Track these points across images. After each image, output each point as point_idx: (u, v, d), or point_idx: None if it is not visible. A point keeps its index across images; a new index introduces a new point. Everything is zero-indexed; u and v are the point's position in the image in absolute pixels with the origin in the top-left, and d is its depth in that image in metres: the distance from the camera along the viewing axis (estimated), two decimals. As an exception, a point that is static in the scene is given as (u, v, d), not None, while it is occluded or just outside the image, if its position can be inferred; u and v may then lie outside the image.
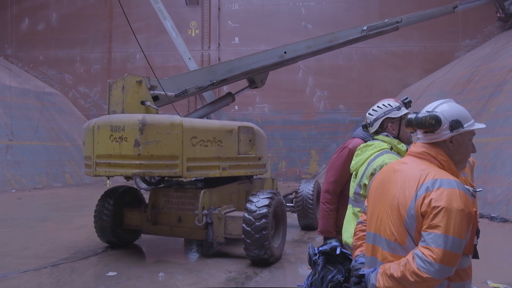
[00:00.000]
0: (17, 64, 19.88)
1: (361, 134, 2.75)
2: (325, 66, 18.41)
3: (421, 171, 1.49)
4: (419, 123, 1.58)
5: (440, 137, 1.57)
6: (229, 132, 5.50)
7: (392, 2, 17.91)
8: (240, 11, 19.31)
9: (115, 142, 4.81)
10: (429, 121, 1.55)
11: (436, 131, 1.57)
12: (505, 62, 12.51)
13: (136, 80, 5.48)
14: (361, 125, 2.68)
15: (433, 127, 1.56)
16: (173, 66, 18.24)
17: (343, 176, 2.72)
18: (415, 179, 1.47)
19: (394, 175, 1.58)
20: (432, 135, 1.58)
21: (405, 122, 1.67)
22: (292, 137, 18.41)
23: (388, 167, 1.68)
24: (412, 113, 1.65)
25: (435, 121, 1.55)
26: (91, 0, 19.94)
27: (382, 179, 1.65)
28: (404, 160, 1.66)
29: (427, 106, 1.65)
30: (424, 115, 1.57)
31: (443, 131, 1.56)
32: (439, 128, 1.56)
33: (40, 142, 15.36)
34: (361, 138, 2.73)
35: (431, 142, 1.59)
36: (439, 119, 1.55)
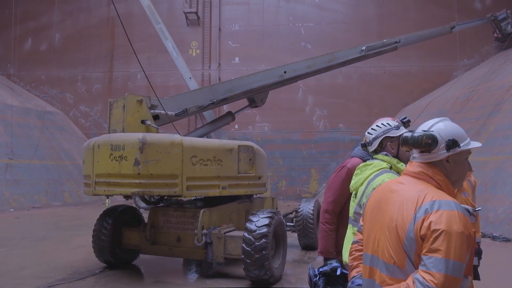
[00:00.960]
0: (19, 84, 20.05)
1: (359, 153, 2.75)
2: (324, 86, 18.55)
3: (419, 192, 1.46)
4: (415, 142, 1.56)
5: (436, 156, 1.55)
6: (229, 151, 5.51)
7: (391, 23, 18.18)
8: (240, 32, 19.59)
9: (115, 161, 4.81)
10: (425, 141, 1.54)
11: (432, 151, 1.55)
12: (503, 82, 12.62)
13: (136, 100, 5.52)
14: (360, 144, 2.68)
15: (429, 146, 1.54)
16: (173, 85, 18.39)
17: (342, 195, 2.71)
18: (413, 200, 1.44)
19: (391, 195, 1.56)
20: (429, 155, 1.56)
21: (400, 141, 1.65)
22: (292, 156, 18.41)
23: (385, 187, 1.66)
24: (408, 131, 1.64)
25: (432, 141, 1.53)
26: (94, 21, 20.25)
27: (378, 199, 1.62)
28: (400, 180, 1.63)
29: (423, 124, 1.64)
30: (420, 134, 1.56)
31: (439, 151, 1.55)
32: (435, 148, 1.54)
33: (40, 161, 15.35)
34: (359, 157, 2.74)
35: (427, 162, 1.57)
36: (435, 138, 1.54)
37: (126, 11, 18.83)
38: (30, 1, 20.22)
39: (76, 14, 20.43)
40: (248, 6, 19.68)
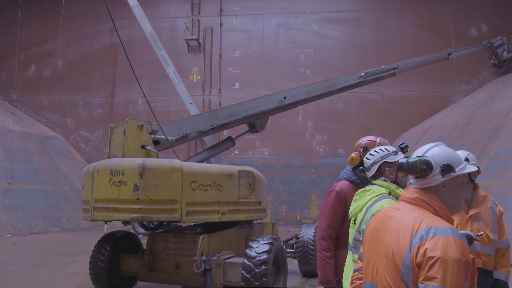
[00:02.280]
0: (21, 109, 20.22)
1: (346, 176, 2.75)
2: (324, 111, 18.69)
3: (415, 218, 1.45)
4: (410, 168, 1.56)
5: (432, 182, 1.54)
6: (229, 176, 5.49)
7: (389, 49, 18.49)
8: (240, 58, 19.90)
9: (114, 186, 4.79)
10: (420, 166, 1.53)
11: (427, 176, 1.54)
12: (501, 107, 12.72)
13: (137, 125, 5.55)
14: (346, 167, 2.69)
15: (424, 172, 1.53)
16: (174, 110, 18.53)
17: (336, 219, 2.69)
18: (409, 227, 1.43)
19: (388, 222, 1.54)
20: (424, 180, 1.55)
21: (396, 167, 1.65)
22: (292, 181, 18.34)
23: (382, 214, 1.64)
24: (403, 157, 1.64)
25: (426, 166, 1.53)
26: (97, 47, 20.60)
27: (376, 227, 1.61)
28: (397, 206, 1.61)
29: (418, 150, 1.63)
30: (415, 160, 1.55)
31: (435, 176, 1.54)
32: (430, 173, 1.53)
33: (38, 185, 15.28)
34: (346, 179, 2.73)
35: (423, 187, 1.56)
36: (430, 164, 1.53)
37: (129, 38, 19.19)
38: (35, 29, 20.64)
39: (80, 41, 20.81)
40: (248, 33, 20.07)
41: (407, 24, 19.09)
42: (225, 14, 20.32)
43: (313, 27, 19.78)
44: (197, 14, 20.33)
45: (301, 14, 19.93)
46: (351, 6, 19.81)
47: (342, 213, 2.74)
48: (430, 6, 19.03)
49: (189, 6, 20.48)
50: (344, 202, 2.73)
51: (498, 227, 2.87)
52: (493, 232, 2.81)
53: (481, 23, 18.68)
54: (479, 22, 18.70)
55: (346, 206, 2.67)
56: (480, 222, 2.82)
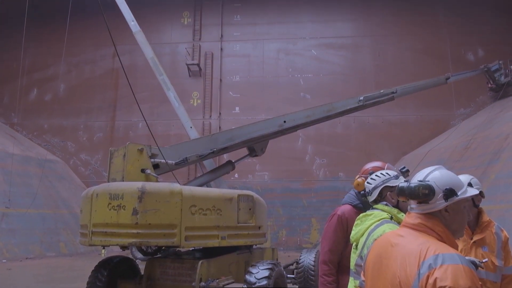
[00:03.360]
0: (22, 132, 20.29)
1: (349, 200, 2.73)
2: (324, 135, 18.75)
3: (420, 245, 1.42)
4: (412, 193, 1.52)
5: (434, 207, 1.51)
6: (228, 200, 5.45)
7: (387, 74, 18.73)
8: (241, 82, 20.11)
9: (113, 210, 4.75)
10: (422, 191, 1.50)
11: (430, 201, 1.51)
12: (500, 130, 12.77)
13: (137, 149, 5.55)
14: (350, 191, 2.67)
15: (426, 197, 1.50)
16: (174, 134, 18.58)
17: (338, 244, 2.65)
18: (415, 255, 1.40)
19: (392, 249, 1.51)
20: (426, 206, 1.52)
21: (396, 191, 1.62)
22: (292, 205, 18.21)
23: (384, 241, 1.61)
24: (403, 182, 1.61)
25: (429, 191, 1.50)
26: (99, 72, 20.86)
27: (379, 254, 1.57)
28: (400, 232, 1.58)
29: (418, 174, 1.60)
30: (416, 184, 1.52)
31: (437, 201, 1.51)
32: (433, 198, 1.50)
33: (36, 209, 15.16)
34: (349, 204, 2.71)
35: (425, 213, 1.53)
36: (432, 188, 1.50)
37: (130, 63, 19.46)
38: (39, 54, 20.95)
39: (82, 66, 21.09)
40: (248, 58, 20.36)
41: (405, 49, 19.39)
42: (225, 40, 20.67)
43: (312, 52, 20.08)
44: (198, 40, 20.68)
45: (300, 39, 20.27)
46: (349, 32, 20.18)
47: (344, 238, 2.70)
48: (427, 32, 19.38)
49: (191, 32, 20.87)
50: (346, 226, 2.70)
51: (504, 253, 2.81)
52: (499, 259, 2.75)
53: (477, 48, 18.99)
54: (475, 47, 19.01)
55: (348, 230, 2.64)
56: (484, 248, 2.77)
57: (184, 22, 21.09)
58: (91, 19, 19.25)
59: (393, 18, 19.73)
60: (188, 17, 21.08)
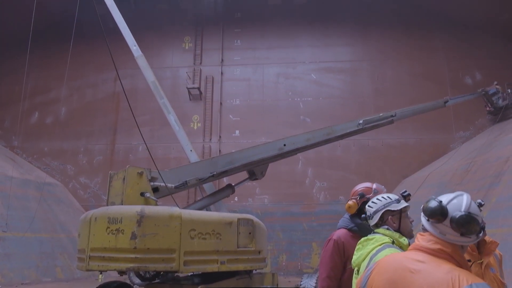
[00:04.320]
0: (22, 155, 20.28)
1: (344, 224, 2.71)
2: (324, 158, 18.73)
3: (448, 274, 1.37)
4: (457, 221, 1.47)
5: (470, 241, 1.49)
6: (228, 224, 5.40)
7: (386, 97, 18.88)
8: (241, 106, 20.25)
9: (112, 234, 4.70)
10: (474, 228, 1.47)
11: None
12: (500, 153, 12.77)
13: (137, 172, 5.54)
14: (345, 216, 2.65)
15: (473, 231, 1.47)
16: (174, 157, 18.57)
17: (335, 269, 2.61)
18: (446, 284, 1.34)
19: (412, 276, 1.43)
20: (459, 237, 1.49)
21: (433, 213, 1.53)
22: (293, 229, 18.02)
23: (398, 265, 1.52)
24: (438, 201, 1.53)
25: (477, 226, 1.47)
26: (100, 95, 21.03)
27: (393, 280, 1.49)
28: (417, 257, 1.49)
29: (458, 201, 1.54)
30: (464, 214, 1.47)
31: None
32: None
33: (34, 233, 14.98)
34: (344, 228, 2.69)
35: (444, 239, 1.49)
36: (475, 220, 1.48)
37: (132, 87, 19.64)
38: (41, 78, 21.18)
39: (83, 89, 21.28)
40: (248, 82, 20.58)
41: (403, 73, 19.62)
42: (226, 64, 20.94)
43: (311, 76, 20.31)
44: (199, 64, 20.96)
45: (300, 64, 20.54)
46: (348, 56, 20.46)
47: (342, 262, 2.67)
48: (425, 56, 19.66)
49: (192, 56, 21.17)
50: (342, 250, 2.67)
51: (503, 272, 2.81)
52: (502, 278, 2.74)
53: (475, 72, 19.21)
54: (473, 71, 19.24)
55: (345, 254, 2.61)
56: (492, 270, 2.74)
57: (185, 47, 21.43)
58: (94, 43, 19.57)
59: (391, 43, 20.05)
60: (189, 42, 21.43)
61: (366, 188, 2.87)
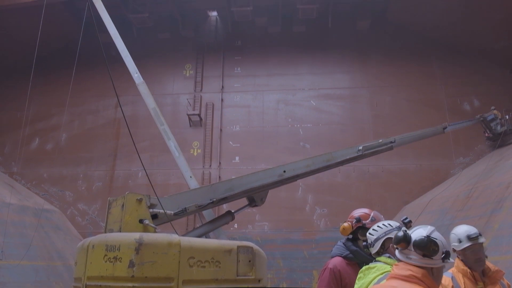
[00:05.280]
0: (21, 181, 20.19)
1: (338, 252, 2.68)
2: (324, 184, 18.65)
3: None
4: (422, 246, 1.65)
5: (435, 264, 1.66)
6: (228, 252, 5.32)
7: (385, 123, 18.99)
8: (241, 132, 20.33)
9: (109, 262, 4.61)
10: (433, 247, 1.67)
11: (434, 257, 1.67)
12: (501, 179, 12.72)
13: (136, 198, 5.50)
14: (338, 243, 2.63)
15: (434, 253, 1.67)
16: (174, 184, 18.50)
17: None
18: None
19: None
20: (429, 260, 1.66)
21: (399, 239, 1.72)
22: (293, 256, 17.74)
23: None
24: (403, 231, 1.70)
25: (437, 248, 1.67)
26: (101, 122, 21.14)
27: None
28: (393, 284, 1.64)
29: (421, 230, 1.73)
30: (427, 239, 1.65)
31: (438, 259, 1.69)
32: (436, 255, 1.66)
33: (30, 261, 14.73)
34: (338, 255, 2.66)
35: (419, 265, 1.64)
36: (439, 246, 1.68)
37: (132, 113, 19.80)
38: (43, 104, 21.34)
39: (84, 116, 21.41)
40: (248, 109, 20.74)
41: (402, 99, 19.81)
42: (226, 91, 21.17)
43: (311, 102, 20.49)
44: (199, 91, 21.19)
45: (299, 90, 20.77)
46: (347, 84, 20.71)
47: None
48: (423, 82, 19.90)
49: (192, 83, 21.42)
50: (339, 279, 2.63)
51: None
52: None
53: (473, 98, 19.39)
54: (471, 97, 19.42)
55: (342, 282, 2.57)
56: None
57: (186, 74, 21.72)
58: (96, 70, 19.86)
59: (389, 70, 20.34)
60: (190, 69, 21.74)
61: (363, 214, 2.85)
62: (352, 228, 2.69)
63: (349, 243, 2.67)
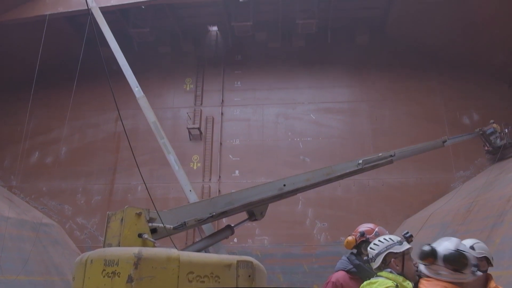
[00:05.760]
0: (20, 195, 20.11)
1: (342, 266, 2.67)
2: (324, 198, 18.58)
3: None
4: (450, 261, 1.64)
5: (467, 278, 1.63)
6: (227, 267, 5.26)
7: (385, 137, 19.01)
8: (241, 146, 20.34)
9: (107, 277, 4.55)
10: (463, 262, 1.65)
11: (464, 271, 1.65)
12: (502, 192, 12.68)
13: (135, 212, 5.46)
14: (342, 257, 2.61)
15: (464, 267, 1.64)
16: (173, 197, 18.44)
17: None
18: None
19: None
20: (459, 275, 1.64)
21: (425, 254, 1.62)
22: (293, 271, 17.55)
23: None
24: (429, 245, 1.62)
25: (467, 262, 1.67)
26: (101, 135, 21.17)
27: None
28: None
29: (447, 243, 1.64)
30: (457, 253, 1.63)
31: (469, 272, 1.66)
32: (466, 268, 1.65)
33: (27, 276, 14.57)
34: (342, 270, 2.64)
35: (455, 281, 1.60)
36: (469, 259, 1.66)
37: (133, 127, 19.84)
38: (43, 118, 21.41)
39: (84, 129, 21.45)
40: (248, 123, 20.79)
41: (401, 113, 19.87)
42: (226, 105, 21.25)
43: (311, 116, 20.55)
44: (199, 105, 21.27)
45: (299, 104, 20.85)
46: (347, 98, 20.80)
47: None
48: (422, 96, 20.00)
49: (192, 97, 21.52)
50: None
51: None
52: None
53: (472, 112, 19.45)
54: (470, 111, 19.48)
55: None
56: None
57: (186, 88, 21.84)
58: (96, 84, 19.99)
59: (389, 84, 20.46)
60: (190, 83, 21.87)
61: (368, 229, 2.85)
62: (356, 242, 2.68)
63: (353, 257, 2.66)
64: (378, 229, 2.65)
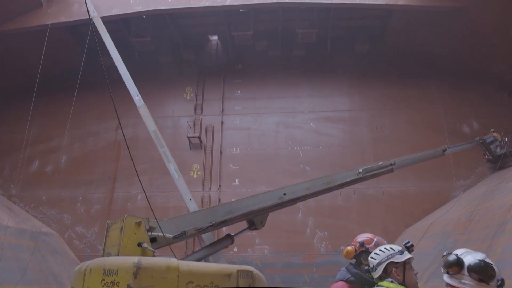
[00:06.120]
0: (19, 204, 20.05)
1: (341, 276, 2.66)
2: (324, 207, 18.52)
3: None
4: (477, 271, 1.68)
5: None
6: (227, 276, 5.22)
7: (385, 146, 19.01)
8: (241, 155, 20.33)
9: (106, 287, 4.52)
10: (490, 273, 1.71)
11: (490, 283, 1.69)
12: (503, 201, 12.64)
13: (135, 221, 5.44)
14: (342, 268, 2.60)
15: (492, 278, 1.69)
16: (173, 206, 18.38)
17: None
18: None
19: None
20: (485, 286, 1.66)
21: (450, 264, 1.66)
22: (294, 281, 17.42)
23: None
24: (455, 254, 1.67)
25: (495, 273, 1.70)
26: (101, 144, 21.17)
27: None
28: None
29: (473, 253, 1.71)
30: (479, 263, 1.68)
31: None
32: (493, 281, 1.70)
33: (25, 286, 14.46)
34: (341, 280, 2.63)
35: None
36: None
37: (133, 136, 19.85)
38: (44, 126, 21.43)
39: (85, 138, 21.46)
40: (248, 131, 20.81)
41: (401, 122, 19.90)
42: (226, 114, 21.29)
43: (311, 125, 20.58)
44: (199, 114, 21.31)
45: (299, 113, 20.89)
46: (347, 106, 20.84)
47: None
48: (422, 105, 20.04)
49: (193, 106, 21.58)
50: None
51: None
52: None
53: (472, 121, 19.48)
54: (470, 120, 19.51)
55: None
56: None
57: (187, 97, 21.91)
58: (97, 93, 20.04)
59: (389, 92, 20.52)
60: (190, 92, 21.94)
61: (367, 239, 2.84)
62: (355, 252, 2.67)
63: (351, 267, 2.65)
64: (377, 239, 2.64)
